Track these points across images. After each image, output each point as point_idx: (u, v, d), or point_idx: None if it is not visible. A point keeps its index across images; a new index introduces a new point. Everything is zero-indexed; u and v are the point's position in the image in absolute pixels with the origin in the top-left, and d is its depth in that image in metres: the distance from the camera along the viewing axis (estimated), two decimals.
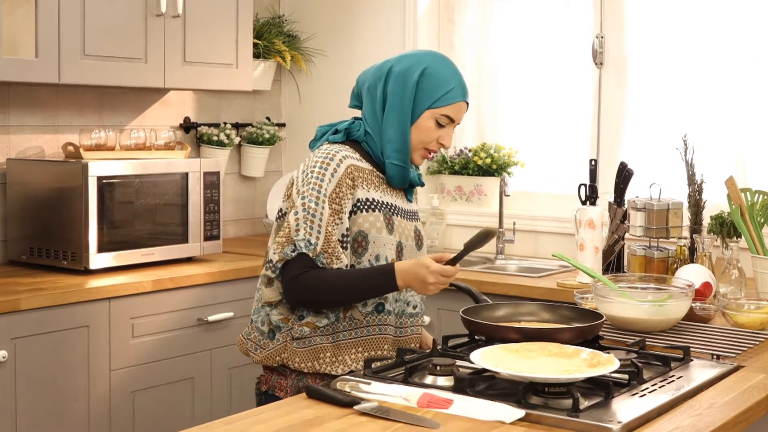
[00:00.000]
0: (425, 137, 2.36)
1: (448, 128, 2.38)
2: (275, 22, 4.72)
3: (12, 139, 3.80)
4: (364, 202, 2.32)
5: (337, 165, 2.29)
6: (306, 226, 2.23)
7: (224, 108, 4.60)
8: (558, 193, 4.25)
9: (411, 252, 2.42)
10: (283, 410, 1.91)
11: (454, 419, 1.83)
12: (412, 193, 2.50)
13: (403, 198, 2.46)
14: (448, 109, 2.35)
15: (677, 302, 2.61)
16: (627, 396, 1.96)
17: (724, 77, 3.84)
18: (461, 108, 2.38)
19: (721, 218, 3.37)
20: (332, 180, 2.27)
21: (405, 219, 2.42)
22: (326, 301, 2.28)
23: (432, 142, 2.37)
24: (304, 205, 2.25)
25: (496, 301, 2.57)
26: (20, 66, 3.43)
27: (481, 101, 4.53)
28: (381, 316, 2.34)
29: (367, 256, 2.31)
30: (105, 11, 3.64)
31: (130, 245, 3.67)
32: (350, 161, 2.31)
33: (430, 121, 2.35)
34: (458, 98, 2.36)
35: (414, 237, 2.44)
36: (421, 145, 2.38)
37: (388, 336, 2.36)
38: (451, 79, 2.36)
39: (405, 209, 2.44)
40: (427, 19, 4.58)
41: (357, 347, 2.32)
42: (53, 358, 3.22)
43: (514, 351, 2.04)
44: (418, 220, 2.51)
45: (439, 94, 2.34)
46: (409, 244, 2.41)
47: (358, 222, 2.31)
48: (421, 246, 2.46)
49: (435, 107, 2.35)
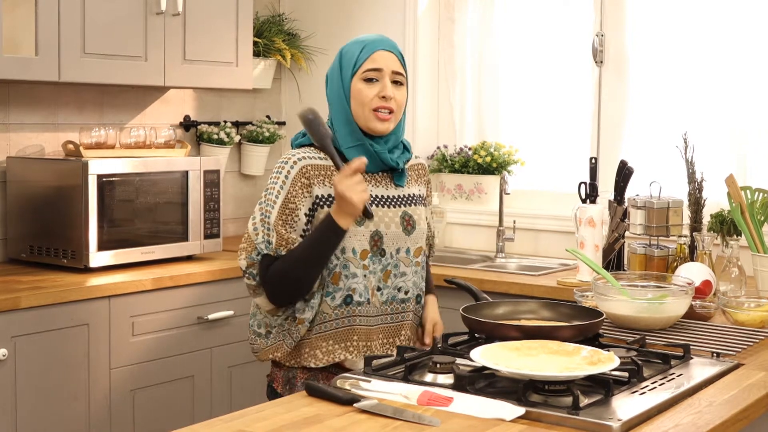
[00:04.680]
0: (363, 99, 2.38)
1: (382, 81, 2.39)
2: (275, 21, 4.72)
3: (12, 137, 3.80)
4: (326, 198, 2.35)
5: (290, 168, 2.36)
6: (263, 228, 2.34)
7: (224, 106, 4.60)
8: (558, 192, 4.25)
9: (397, 238, 2.41)
10: (283, 407, 1.91)
11: (455, 417, 1.83)
12: (401, 177, 2.48)
13: (389, 185, 2.46)
14: (367, 63, 2.39)
15: (677, 300, 2.61)
16: (627, 394, 1.96)
17: (724, 75, 3.85)
18: (380, 56, 2.40)
19: (722, 216, 3.37)
20: (286, 183, 2.35)
21: (386, 206, 2.42)
22: (297, 279, 2.31)
23: (372, 99, 2.38)
24: (261, 210, 2.36)
25: (497, 299, 2.57)
26: (20, 64, 3.43)
27: (482, 99, 4.53)
28: (350, 308, 2.36)
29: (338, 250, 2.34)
30: (105, 9, 3.64)
31: (130, 243, 3.67)
32: (306, 162, 2.36)
33: (359, 84, 2.39)
34: (371, 50, 2.40)
35: (401, 222, 2.43)
36: (365, 111, 2.38)
37: (359, 327, 2.37)
38: (362, 42, 2.42)
39: (388, 196, 2.44)
40: (427, 17, 4.58)
41: (327, 340, 2.36)
42: (53, 356, 3.22)
43: (514, 349, 2.04)
44: (413, 205, 2.48)
45: (354, 59, 2.40)
46: (392, 231, 2.41)
47: (319, 218, 2.35)
48: (413, 230, 2.45)
49: (356, 71, 2.39)
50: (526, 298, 3.31)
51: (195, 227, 3.87)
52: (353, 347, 2.37)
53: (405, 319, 2.45)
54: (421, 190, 2.55)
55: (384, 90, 2.38)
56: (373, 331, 2.39)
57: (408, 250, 2.44)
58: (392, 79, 2.40)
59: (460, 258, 4.22)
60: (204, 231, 3.90)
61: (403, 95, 2.44)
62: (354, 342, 2.37)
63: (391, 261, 2.41)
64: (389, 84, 2.39)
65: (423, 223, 2.50)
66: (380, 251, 2.39)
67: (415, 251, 2.46)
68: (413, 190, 2.51)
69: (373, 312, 2.39)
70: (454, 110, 4.60)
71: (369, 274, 2.38)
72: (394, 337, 2.44)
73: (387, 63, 2.40)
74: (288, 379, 2.42)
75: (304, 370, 2.40)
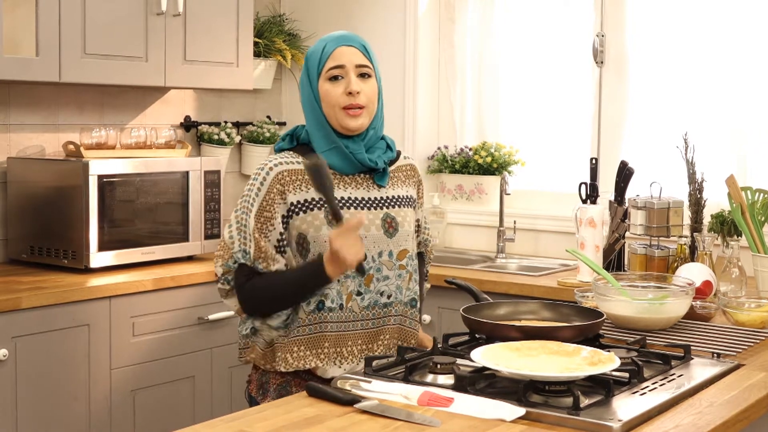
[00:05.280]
0: (331, 99, 2.34)
1: (347, 77, 2.34)
2: (276, 21, 4.72)
3: (12, 138, 3.80)
4: (301, 204, 2.31)
5: (266, 174, 2.32)
6: (240, 237, 2.31)
7: (225, 107, 4.60)
8: (558, 192, 4.25)
9: (378, 241, 2.35)
10: (283, 408, 1.91)
11: (455, 417, 1.83)
12: (383, 177, 2.41)
13: (370, 186, 2.40)
14: (329, 61, 2.35)
15: (678, 301, 2.61)
16: (627, 394, 1.96)
17: (724, 75, 3.85)
18: (341, 52, 2.36)
19: (722, 217, 3.37)
20: (261, 190, 2.32)
21: (366, 209, 2.36)
22: (273, 308, 2.32)
23: (340, 98, 2.33)
24: (237, 218, 2.34)
25: (497, 299, 2.57)
26: (21, 64, 3.43)
27: (482, 100, 4.53)
28: (321, 313, 2.30)
29: (310, 256, 2.31)
30: (105, 10, 3.64)
31: (131, 244, 3.67)
32: (281, 168, 2.33)
33: (326, 85, 2.35)
34: (332, 48, 2.36)
35: (382, 225, 2.36)
36: (335, 111, 2.34)
37: (329, 333, 2.31)
38: (323, 41, 2.39)
39: (369, 198, 2.38)
40: (428, 18, 4.58)
41: (300, 345, 2.31)
42: (54, 356, 3.23)
43: (514, 349, 2.04)
44: (397, 206, 2.41)
45: (317, 60, 2.37)
46: (373, 234, 2.34)
47: (296, 225, 2.31)
48: (395, 233, 2.38)
49: (320, 72, 2.36)
50: (526, 298, 3.31)
51: (195, 228, 3.88)
52: (324, 354, 2.31)
53: (386, 324, 2.38)
54: (409, 191, 2.48)
55: (349, 86, 2.33)
56: (348, 336, 2.33)
57: (391, 253, 2.36)
58: (358, 73, 2.35)
59: (461, 258, 4.22)
60: (204, 231, 3.90)
61: (372, 87, 2.38)
62: (325, 349, 2.31)
63: (374, 265, 2.34)
64: (354, 79, 2.34)
65: (408, 226, 2.42)
66: None
67: (398, 254, 2.38)
68: (399, 192, 2.44)
69: (350, 317, 2.32)
70: (454, 110, 4.60)
71: (345, 279, 2.31)
72: (373, 343, 2.36)
73: (349, 58, 2.35)
74: (261, 384, 2.39)
75: (276, 375, 2.36)
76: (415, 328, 2.45)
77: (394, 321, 2.40)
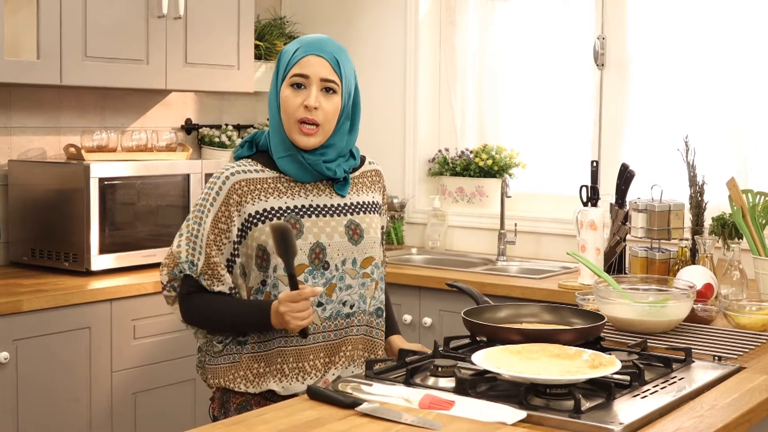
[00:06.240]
0: (289, 108, 2.24)
1: (308, 89, 2.23)
2: (276, 24, 4.73)
3: (14, 141, 3.80)
4: (259, 215, 2.23)
5: (222, 183, 2.24)
6: (188, 247, 2.24)
7: (226, 109, 4.60)
8: (559, 195, 4.25)
9: (342, 249, 2.28)
10: (284, 411, 1.91)
11: (456, 420, 1.83)
12: (343, 187, 2.32)
13: (332, 193, 2.32)
14: (295, 68, 2.24)
15: (679, 303, 2.61)
16: (629, 397, 1.96)
17: (725, 78, 3.85)
18: (309, 61, 2.23)
19: (723, 219, 3.38)
20: (217, 200, 2.23)
21: (328, 216, 2.28)
22: (210, 329, 2.28)
23: (297, 109, 2.22)
24: (188, 227, 2.26)
25: (498, 302, 2.57)
26: (22, 67, 3.44)
27: (483, 102, 4.53)
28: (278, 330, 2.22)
29: (270, 269, 2.23)
30: (106, 13, 3.65)
31: (132, 246, 3.68)
32: (238, 177, 2.24)
33: (287, 90, 2.25)
34: (302, 54, 2.24)
35: (346, 232, 2.29)
36: (290, 121, 2.24)
37: (288, 348, 2.23)
38: (298, 43, 2.28)
39: (331, 205, 2.30)
40: (429, 21, 4.58)
41: (259, 362, 2.24)
42: (55, 359, 3.23)
43: (515, 352, 2.04)
44: (361, 213, 2.34)
45: (286, 62, 2.26)
46: (336, 242, 2.27)
47: (254, 236, 2.23)
48: (360, 240, 2.31)
49: (285, 75, 2.26)
50: (527, 301, 3.31)
51: None
52: (279, 371, 2.23)
53: (349, 335, 2.30)
54: (374, 197, 2.40)
55: (308, 99, 2.22)
56: (309, 350, 2.25)
57: (354, 261, 2.29)
58: (322, 87, 2.24)
59: (462, 261, 4.22)
60: None
61: (335, 105, 2.25)
62: (281, 365, 2.23)
63: (336, 273, 2.26)
64: (315, 93, 2.23)
65: (374, 232, 2.35)
66: (323, 264, 2.25)
67: (362, 262, 2.31)
68: (363, 198, 2.37)
69: (310, 330, 2.22)
70: (455, 113, 4.60)
71: None
72: (335, 354, 2.28)
73: (315, 70, 2.23)
74: (222, 403, 2.29)
75: (236, 394, 2.27)
76: (381, 338, 2.38)
77: (357, 331, 2.32)
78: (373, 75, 4.64)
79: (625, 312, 2.58)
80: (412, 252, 4.41)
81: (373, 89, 4.64)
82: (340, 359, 2.30)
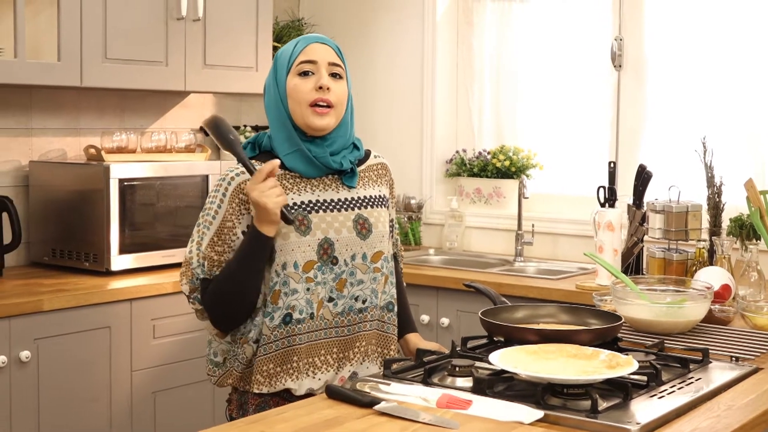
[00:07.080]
0: (299, 95, 2.25)
1: (318, 73, 2.26)
2: (295, 25, 4.75)
3: (34, 142, 3.84)
4: None
5: (228, 185, 2.25)
6: (197, 251, 2.24)
7: (244, 111, 4.63)
8: (577, 196, 4.25)
9: (351, 244, 2.28)
10: (304, 410, 1.92)
11: (474, 420, 1.84)
12: (351, 178, 2.33)
13: (339, 187, 2.32)
14: (301, 56, 2.27)
15: (696, 304, 2.61)
16: (645, 397, 1.96)
17: (742, 79, 3.84)
18: (314, 48, 2.28)
19: (741, 220, 3.37)
20: (224, 202, 2.24)
21: (336, 210, 2.28)
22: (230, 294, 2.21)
23: (309, 93, 2.24)
24: (198, 232, 2.26)
25: (515, 302, 2.57)
26: (43, 69, 3.47)
27: (500, 103, 4.54)
28: (289, 327, 2.22)
29: (275, 266, 2.23)
30: (126, 15, 3.67)
31: (151, 247, 3.70)
32: (243, 177, 2.24)
33: (294, 79, 2.26)
34: (305, 44, 2.28)
35: (354, 227, 2.29)
36: (302, 107, 2.25)
37: (299, 346, 2.23)
38: (296, 40, 2.31)
39: (339, 199, 2.30)
40: (446, 22, 4.59)
41: (269, 363, 2.23)
42: (75, 358, 3.25)
43: (532, 352, 2.05)
44: (369, 207, 2.34)
45: (288, 56, 2.28)
46: (344, 237, 2.27)
47: None
48: (368, 234, 2.31)
49: (291, 67, 2.27)
50: (544, 301, 3.32)
51: None
52: (294, 369, 2.22)
53: (362, 330, 2.31)
54: (381, 191, 2.41)
55: (320, 80, 2.24)
56: (321, 345, 2.25)
57: (365, 255, 2.30)
58: (329, 71, 2.28)
59: (479, 262, 4.23)
60: None
61: (343, 89, 2.29)
62: (294, 363, 2.22)
63: (346, 269, 2.27)
64: (326, 75, 2.26)
65: (382, 226, 2.35)
66: (332, 259, 2.25)
67: (372, 256, 2.31)
68: (370, 192, 2.37)
69: (322, 326, 2.24)
70: (472, 114, 4.61)
71: (316, 286, 2.24)
72: (348, 350, 2.29)
73: (322, 55, 2.27)
74: (241, 404, 2.29)
75: (254, 395, 2.26)
76: (394, 333, 2.39)
77: (370, 326, 2.33)
78: (391, 76, 4.65)
79: (642, 313, 2.58)
80: (429, 253, 4.42)
81: (391, 90, 4.65)
82: (354, 355, 2.31)
